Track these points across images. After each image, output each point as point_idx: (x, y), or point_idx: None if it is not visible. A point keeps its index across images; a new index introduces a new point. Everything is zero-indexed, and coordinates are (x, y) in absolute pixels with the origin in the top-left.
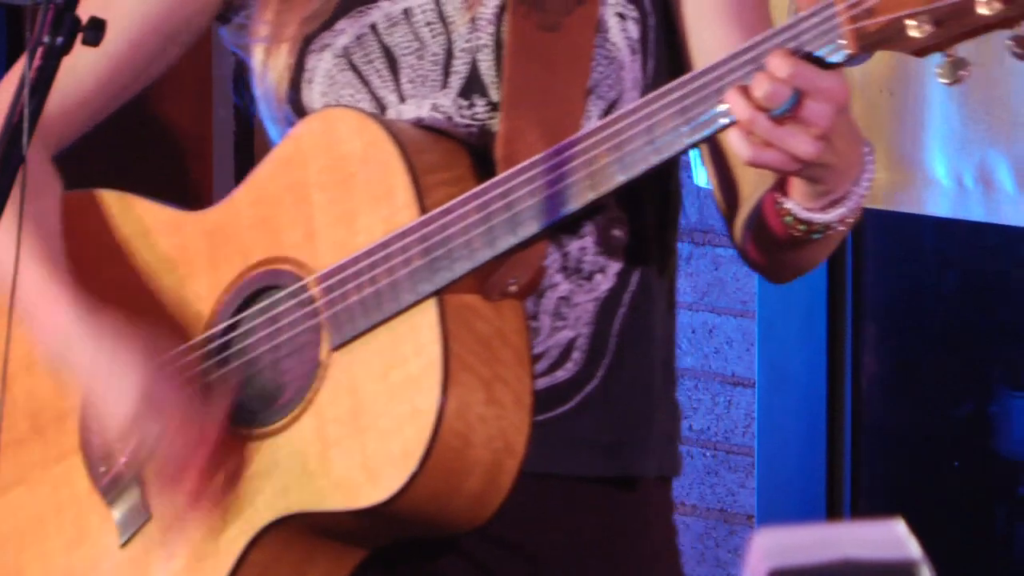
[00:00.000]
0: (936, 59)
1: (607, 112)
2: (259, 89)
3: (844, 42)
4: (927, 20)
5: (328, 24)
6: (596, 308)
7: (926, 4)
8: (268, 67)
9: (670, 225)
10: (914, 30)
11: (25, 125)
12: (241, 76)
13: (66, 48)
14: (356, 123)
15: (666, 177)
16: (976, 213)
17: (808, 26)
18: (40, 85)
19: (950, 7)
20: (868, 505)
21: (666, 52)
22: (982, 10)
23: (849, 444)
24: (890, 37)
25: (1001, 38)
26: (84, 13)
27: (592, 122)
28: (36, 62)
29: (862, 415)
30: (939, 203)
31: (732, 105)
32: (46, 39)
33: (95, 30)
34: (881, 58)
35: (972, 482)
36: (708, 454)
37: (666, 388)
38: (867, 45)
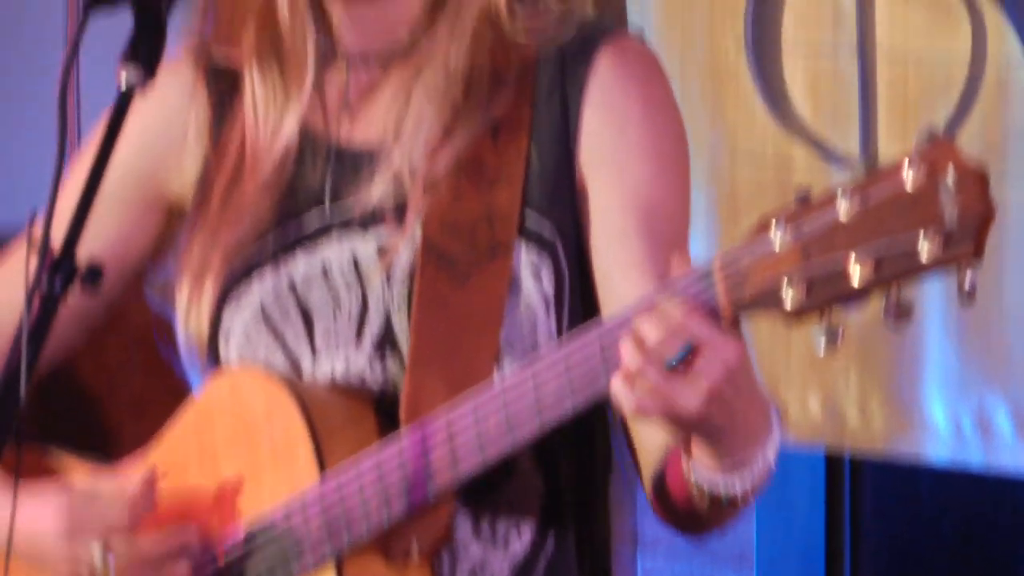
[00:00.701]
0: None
1: None
2: (181, 338)
3: (720, 308)
4: (800, 285)
5: (247, 276)
6: (511, 573)
7: (797, 267)
8: (190, 319)
9: (596, 481)
10: (788, 295)
11: (23, 372)
12: (167, 330)
13: (64, 295)
14: (261, 383)
15: (588, 432)
16: (975, 459)
17: (685, 294)
18: (38, 332)
19: (824, 274)
20: None
21: (582, 305)
22: (854, 279)
23: None
24: (766, 301)
25: (997, 280)
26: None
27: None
28: (34, 309)
29: None
30: (937, 449)
31: (623, 351)
32: (44, 287)
33: (93, 276)
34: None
35: None
36: None
37: None
38: (743, 309)
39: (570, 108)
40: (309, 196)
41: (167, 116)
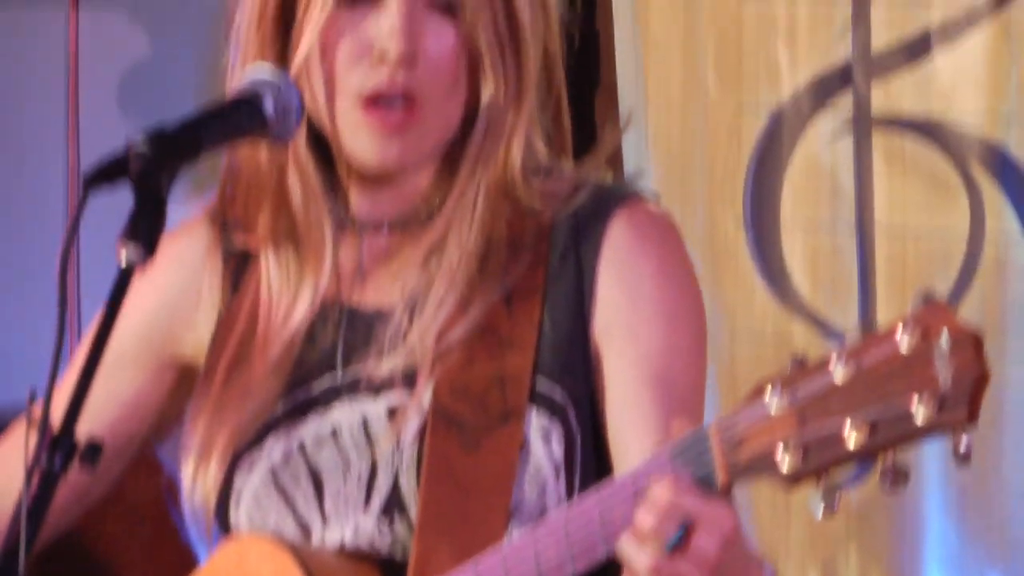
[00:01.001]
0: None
1: None
2: (187, 507)
3: (717, 473)
4: (796, 450)
5: (257, 440)
6: None
7: (793, 432)
8: (197, 484)
9: None
10: (784, 460)
11: (22, 550)
12: (174, 495)
13: (64, 471)
14: (268, 551)
15: None
16: None
17: (683, 458)
18: (37, 509)
19: (820, 439)
20: None
21: (594, 468)
22: (850, 443)
23: None
24: (762, 466)
25: (996, 457)
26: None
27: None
28: (33, 486)
29: None
30: None
31: (625, 550)
32: (43, 464)
33: (92, 453)
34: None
35: None
36: None
37: None
38: (739, 474)
39: (584, 273)
40: (321, 360)
41: (182, 275)
